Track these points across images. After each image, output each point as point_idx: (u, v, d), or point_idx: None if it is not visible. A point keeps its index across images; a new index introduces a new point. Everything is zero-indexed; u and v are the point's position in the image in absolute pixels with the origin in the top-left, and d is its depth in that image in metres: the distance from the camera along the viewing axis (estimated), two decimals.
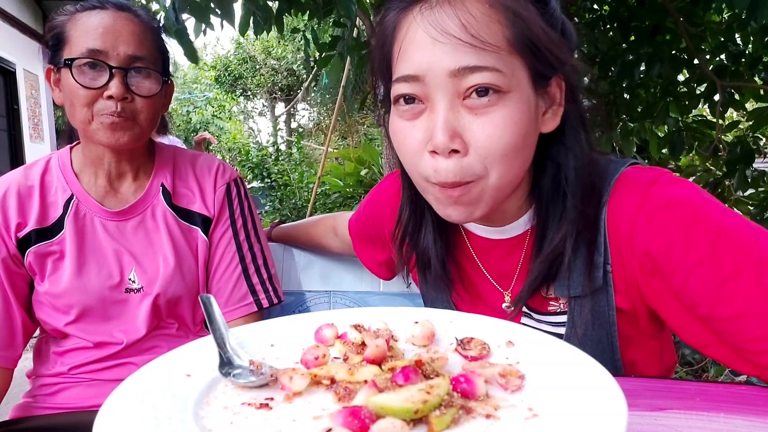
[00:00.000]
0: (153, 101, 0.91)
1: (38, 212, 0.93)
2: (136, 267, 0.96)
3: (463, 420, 0.40)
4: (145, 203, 0.98)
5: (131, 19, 0.89)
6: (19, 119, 6.15)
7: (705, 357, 2.33)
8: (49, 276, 0.93)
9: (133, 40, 0.87)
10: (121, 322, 0.95)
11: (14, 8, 6.10)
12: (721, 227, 0.59)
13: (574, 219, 0.64)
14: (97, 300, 0.93)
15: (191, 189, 1.01)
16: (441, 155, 0.59)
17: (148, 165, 1.01)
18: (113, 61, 0.86)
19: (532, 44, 0.58)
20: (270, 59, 13.92)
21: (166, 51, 0.97)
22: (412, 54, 0.59)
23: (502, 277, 0.76)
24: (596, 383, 0.42)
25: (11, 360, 0.94)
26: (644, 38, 2.08)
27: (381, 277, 1.03)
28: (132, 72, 0.88)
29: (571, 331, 0.69)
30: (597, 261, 0.65)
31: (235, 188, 1.03)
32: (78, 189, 0.96)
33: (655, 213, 0.61)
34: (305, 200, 6.88)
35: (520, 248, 0.73)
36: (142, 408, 0.43)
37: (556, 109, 0.64)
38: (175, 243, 0.97)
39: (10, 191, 0.93)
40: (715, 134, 2.07)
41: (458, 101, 0.59)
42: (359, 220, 0.98)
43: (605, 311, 0.67)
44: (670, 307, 0.63)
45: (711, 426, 0.49)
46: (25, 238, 0.92)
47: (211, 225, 1.01)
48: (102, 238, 0.95)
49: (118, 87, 0.85)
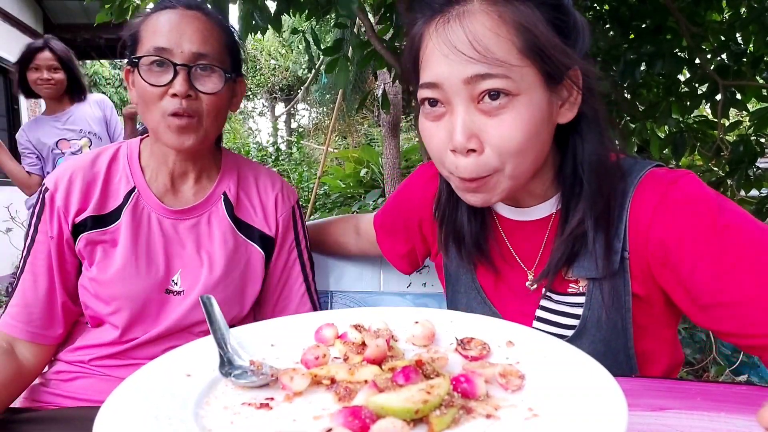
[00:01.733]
0: (218, 99, 0.90)
1: (98, 199, 0.93)
2: (182, 270, 0.95)
3: (464, 420, 0.40)
4: (205, 208, 0.97)
5: (198, 17, 0.89)
6: (19, 119, 6.15)
7: (706, 357, 2.33)
8: (98, 263, 0.93)
9: (198, 38, 0.87)
10: (156, 321, 0.94)
11: (14, 8, 6.10)
12: (728, 223, 0.64)
13: (590, 202, 0.70)
14: (138, 295, 0.92)
15: (253, 204, 1.01)
16: (460, 153, 0.66)
17: (212, 169, 1.01)
18: (178, 59, 0.86)
19: (540, 50, 0.64)
20: (270, 59, 13.93)
21: (236, 48, 0.95)
22: (432, 64, 0.66)
23: (526, 257, 0.80)
24: (596, 383, 0.42)
25: (50, 338, 0.95)
26: (645, 37, 2.08)
27: (402, 270, 1.05)
28: (197, 69, 0.87)
29: (588, 312, 0.73)
30: (616, 246, 0.71)
31: (298, 211, 1.07)
32: (141, 182, 0.96)
33: (673, 206, 0.67)
34: (305, 200, 6.88)
35: (544, 230, 0.78)
36: (143, 407, 0.43)
37: (573, 101, 0.69)
38: (227, 253, 0.96)
39: (75, 176, 0.94)
40: (717, 134, 2.07)
41: (473, 105, 0.65)
42: (385, 213, 1.04)
43: (622, 296, 0.72)
44: (679, 298, 0.68)
45: (712, 426, 0.49)
46: (81, 223, 0.92)
47: (275, 245, 1.02)
48: (155, 235, 0.94)
49: (182, 84, 0.85)
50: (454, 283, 0.89)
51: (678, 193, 0.67)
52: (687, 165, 3.08)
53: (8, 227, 5.04)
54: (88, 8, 5.98)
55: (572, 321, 0.75)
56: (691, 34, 1.97)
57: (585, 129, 0.71)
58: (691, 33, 1.97)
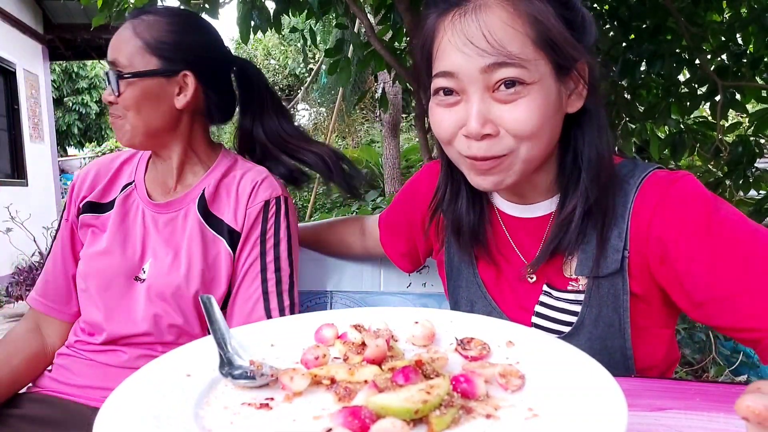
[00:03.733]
0: (127, 98, 0.94)
1: (102, 189, 1.04)
2: (152, 260, 0.98)
3: (463, 420, 0.40)
4: (182, 204, 1.00)
5: (125, 27, 0.96)
6: (19, 119, 6.14)
7: (705, 357, 2.33)
8: (87, 244, 1.02)
9: (113, 46, 0.95)
10: (120, 308, 0.97)
11: (14, 8, 6.10)
12: (723, 220, 0.66)
13: (585, 195, 0.72)
14: (105, 274, 0.98)
15: (229, 198, 1.00)
16: (474, 139, 0.68)
17: (198, 167, 1.03)
18: (108, 67, 0.95)
19: (552, 42, 0.66)
20: (270, 59, 13.92)
21: (167, 47, 0.95)
22: (448, 55, 0.68)
23: (528, 252, 0.81)
24: (596, 383, 0.42)
25: (67, 315, 1.05)
26: (645, 37, 2.08)
27: (403, 268, 1.06)
28: (111, 74, 0.94)
29: (587, 309, 0.74)
30: (617, 245, 0.72)
31: (274, 206, 0.99)
32: (139, 178, 1.04)
33: (671, 205, 0.69)
34: (305, 200, 6.87)
35: (545, 226, 0.79)
36: (143, 407, 0.43)
37: (580, 92, 0.72)
38: (194, 248, 0.96)
39: (92, 168, 1.07)
40: (716, 135, 2.07)
41: (488, 94, 0.67)
42: (390, 212, 1.05)
43: (620, 295, 0.73)
44: (675, 295, 0.70)
45: (711, 426, 0.49)
46: (84, 206, 1.03)
47: (239, 240, 0.98)
48: (137, 225, 1.00)
49: (107, 91, 0.94)
50: (455, 278, 0.89)
51: (676, 192, 0.70)
52: (686, 166, 3.08)
53: (8, 227, 5.04)
54: (87, 8, 5.98)
55: (571, 318, 0.75)
56: (690, 34, 1.97)
57: (586, 123, 0.73)
58: (690, 33, 1.97)
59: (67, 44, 7.25)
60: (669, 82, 2.15)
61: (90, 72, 12.09)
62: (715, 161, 2.25)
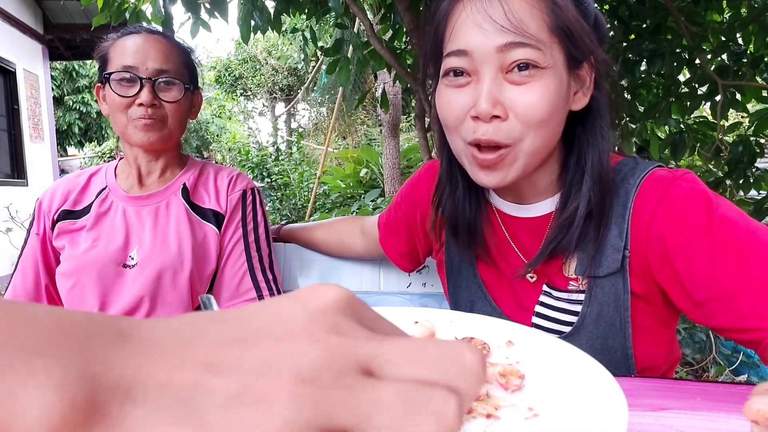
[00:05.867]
0: (179, 106, 1.05)
1: (74, 198, 1.10)
2: (138, 246, 1.05)
3: (464, 420, 0.40)
4: (165, 195, 1.10)
5: (159, 40, 1.05)
6: (19, 119, 6.14)
7: (705, 357, 2.33)
8: (67, 247, 1.07)
9: (160, 57, 1.03)
10: (114, 293, 1.03)
11: (14, 8, 6.10)
12: (722, 219, 0.66)
13: (588, 195, 0.72)
14: (95, 265, 1.03)
15: (208, 190, 1.13)
16: (483, 120, 0.67)
17: (176, 167, 1.14)
18: (143, 74, 1.01)
19: (568, 30, 0.66)
20: (271, 59, 13.93)
21: (192, 66, 1.11)
22: (464, 33, 0.67)
23: (528, 252, 0.81)
24: (597, 383, 0.42)
25: None
26: (645, 37, 2.08)
27: (403, 268, 1.06)
28: (160, 82, 1.03)
29: (587, 309, 0.74)
30: (617, 245, 0.72)
31: (251, 196, 1.14)
32: (111, 182, 1.12)
33: (672, 203, 0.69)
34: (305, 200, 6.88)
35: (545, 226, 0.79)
36: None
37: (585, 91, 0.72)
38: (181, 232, 1.06)
39: (59, 185, 1.13)
40: (716, 135, 2.07)
41: (501, 75, 0.66)
42: (390, 211, 1.05)
43: (621, 294, 0.72)
44: (675, 294, 0.70)
45: (712, 426, 0.49)
46: (58, 216, 1.09)
47: (224, 221, 1.10)
48: (118, 220, 1.07)
49: (147, 95, 1.01)
50: (455, 278, 0.89)
51: (677, 190, 0.69)
52: (686, 166, 3.08)
53: (8, 227, 5.04)
54: (87, 8, 5.99)
55: (571, 318, 0.75)
56: (690, 33, 1.97)
57: (590, 122, 0.73)
58: (690, 33, 1.97)
59: (67, 44, 7.26)
60: (669, 82, 2.15)
61: (90, 70, 12.10)
62: (715, 161, 2.25)
